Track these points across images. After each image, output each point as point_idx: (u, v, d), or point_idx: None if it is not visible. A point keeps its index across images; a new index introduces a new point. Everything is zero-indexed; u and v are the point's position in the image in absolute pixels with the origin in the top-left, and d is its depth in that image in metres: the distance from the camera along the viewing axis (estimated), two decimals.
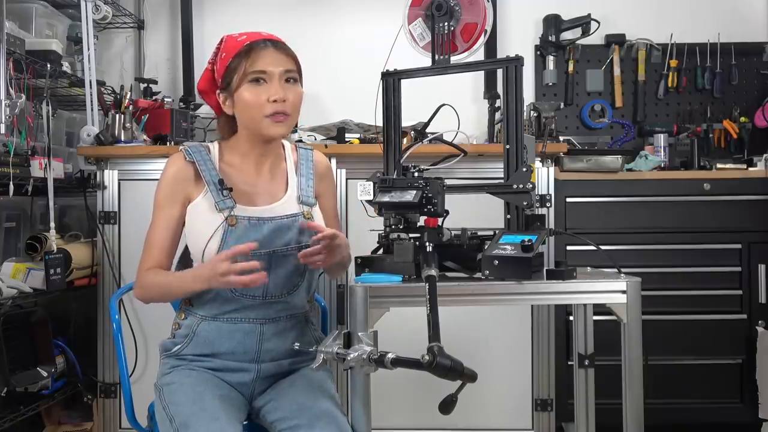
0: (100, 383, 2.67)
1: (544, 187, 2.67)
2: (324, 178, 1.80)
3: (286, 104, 1.62)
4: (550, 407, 2.65)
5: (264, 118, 1.62)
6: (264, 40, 1.65)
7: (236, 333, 1.65)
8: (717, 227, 2.81)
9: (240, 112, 1.66)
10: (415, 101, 1.95)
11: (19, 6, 2.72)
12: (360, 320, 1.47)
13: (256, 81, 1.62)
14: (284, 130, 1.65)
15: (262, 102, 1.61)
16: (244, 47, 1.63)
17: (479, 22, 1.70)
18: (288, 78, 1.65)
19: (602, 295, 1.54)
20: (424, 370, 1.25)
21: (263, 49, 1.63)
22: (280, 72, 1.63)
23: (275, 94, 1.61)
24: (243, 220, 1.62)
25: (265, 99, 1.61)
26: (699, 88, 3.39)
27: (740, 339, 2.80)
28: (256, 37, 1.65)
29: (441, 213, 1.57)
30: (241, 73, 1.62)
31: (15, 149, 2.41)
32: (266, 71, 1.62)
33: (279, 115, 1.62)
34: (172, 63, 3.49)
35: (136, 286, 1.69)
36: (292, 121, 1.67)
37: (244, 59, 1.62)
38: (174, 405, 1.54)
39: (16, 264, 2.54)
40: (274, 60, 1.63)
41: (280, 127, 1.64)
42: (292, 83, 1.65)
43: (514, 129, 1.60)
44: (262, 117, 1.62)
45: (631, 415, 1.53)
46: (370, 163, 2.25)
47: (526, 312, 2.66)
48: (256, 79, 1.62)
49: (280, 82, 1.62)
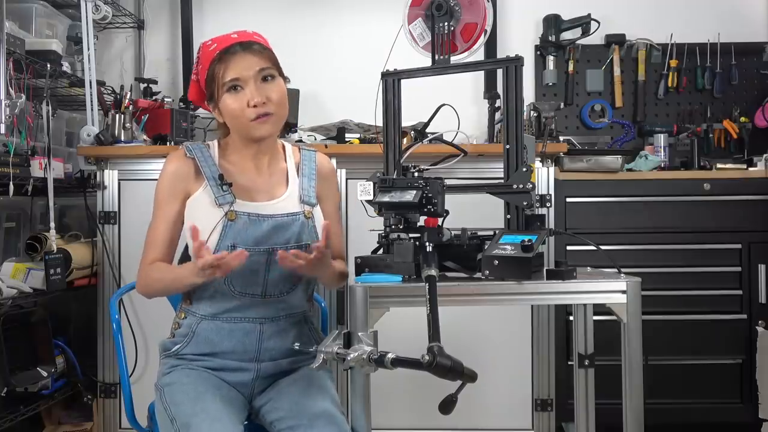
0: (100, 383, 2.67)
1: (544, 187, 2.67)
2: (326, 181, 1.80)
3: (268, 104, 1.62)
4: (550, 407, 2.65)
5: (249, 122, 1.62)
6: (233, 45, 1.63)
7: (236, 332, 1.65)
8: (717, 227, 2.81)
9: (227, 120, 1.67)
10: (415, 101, 1.95)
11: (19, 6, 2.71)
12: (360, 320, 1.47)
13: (233, 88, 1.62)
14: (271, 128, 1.65)
15: (242, 108, 1.61)
16: (215, 56, 1.63)
17: (479, 22, 1.70)
18: (264, 76, 1.63)
19: (602, 295, 1.54)
20: (424, 370, 1.25)
21: (233, 55, 1.61)
22: (254, 74, 1.61)
23: (253, 98, 1.60)
24: (243, 216, 1.62)
25: (245, 104, 1.61)
26: (699, 88, 3.39)
27: (740, 339, 2.80)
28: (225, 43, 1.64)
29: (441, 213, 1.57)
30: (218, 83, 1.62)
31: (15, 149, 2.41)
32: (239, 77, 1.61)
33: (262, 117, 1.62)
34: (172, 63, 3.49)
35: (138, 281, 1.70)
36: (278, 118, 1.66)
37: (217, 69, 1.62)
38: (175, 405, 1.54)
39: (16, 264, 2.54)
40: (246, 64, 1.61)
41: (265, 126, 1.63)
42: (270, 80, 1.64)
43: (514, 129, 1.60)
44: (247, 122, 1.62)
45: (631, 415, 1.53)
46: (370, 163, 2.25)
47: (526, 312, 2.66)
48: (233, 87, 1.62)
49: (256, 84, 1.62)
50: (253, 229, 1.62)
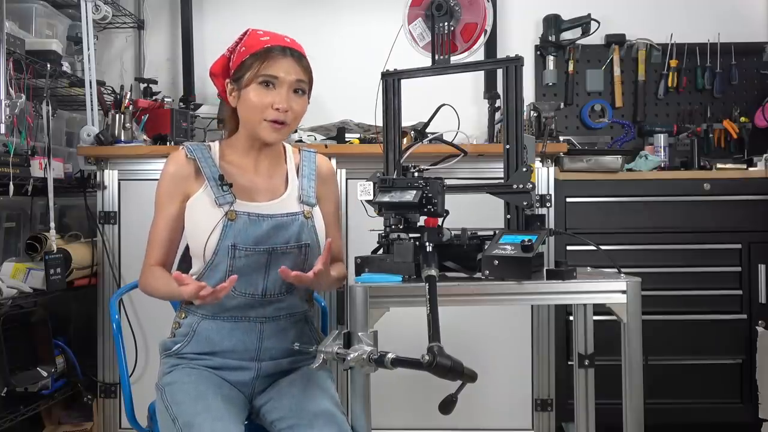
0: (100, 383, 2.67)
1: (544, 187, 2.67)
2: (326, 182, 1.81)
3: (288, 114, 1.64)
4: (550, 407, 2.65)
5: (263, 121, 1.64)
6: (285, 48, 1.65)
7: (236, 331, 1.65)
8: (717, 227, 2.81)
9: (242, 109, 1.67)
10: (415, 101, 1.95)
11: (19, 6, 2.71)
12: (360, 320, 1.47)
13: (265, 84, 1.63)
14: (280, 137, 1.67)
15: (265, 105, 1.63)
16: (263, 48, 1.64)
17: (479, 22, 1.70)
18: (297, 89, 1.66)
19: (602, 295, 1.54)
20: (424, 370, 1.25)
21: (281, 55, 1.64)
22: (291, 81, 1.64)
23: (280, 102, 1.62)
24: (243, 216, 1.63)
25: (269, 103, 1.62)
26: (699, 88, 3.39)
27: (740, 339, 2.80)
28: (278, 42, 1.66)
29: (441, 213, 1.57)
30: (253, 72, 1.63)
31: (15, 149, 2.41)
32: (278, 77, 1.63)
33: (278, 123, 1.64)
34: (172, 63, 3.50)
35: (139, 280, 1.73)
36: (290, 130, 1.69)
37: (259, 60, 1.63)
38: (176, 405, 1.54)
39: (16, 264, 2.54)
40: (289, 68, 1.64)
41: (276, 134, 1.65)
42: (300, 94, 1.67)
43: (514, 129, 1.60)
44: (262, 119, 1.64)
45: (631, 415, 1.53)
46: (370, 163, 2.26)
47: (526, 312, 2.66)
48: (266, 82, 1.63)
49: (288, 91, 1.64)
50: (253, 229, 1.63)
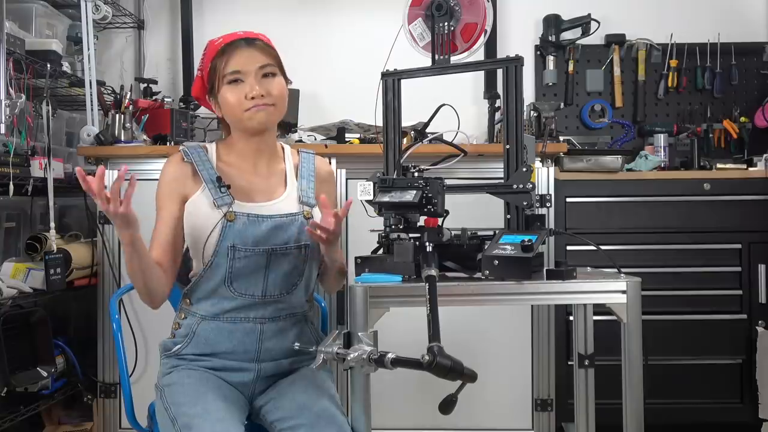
0: (100, 383, 2.67)
1: (544, 187, 2.67)
2: (325, 183, 1.81)
3: (267, 97, 1.63)
4: (550, 407, 2.65)
5: (244, 112, 1.63)
6: (238, 40, 1.66)
7: (236, 332, 1.65)
8: (717, 227, 2.81)
9: (225, 113, 1.68)
10: (415, 101, 1.95)
11: (19, 6, 2.71)
12: (360, 320, 1.47)
13: (234, 81, 1.64)
14: (267, 117, 1.65)
15: (241, 100, 1.63)
16: (219, 50, 1.66)
17: (479, 22, 1.70)
18: (266, 73, 1.65)
19: (602, 295, 1.54)
20: (424, 370, 1.25)
21: (236, 49, 1.64)
22: (255, 69, 1.63)
23: (252, 91, 1.62)
24: (241, 216, 1.63)
25: (243, 97, 1.63)
26: (699, 88, 3.39)
27: (740, 339, 2.80)
28: (230, 38, 1.67)
29: (441, 213, 1.57)
30: (219, 75, 1.64)
31: (15, 149, 2.41)
32: (240, 70, 1.63)
33: (260, 106, 1.63)
34: (172, 63, 3.49)
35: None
36: (277, 110, 1.67)
37: (220, 61, 1.64)
38: (176, 406, 1.54)
39: (16, 264, 2.54)
40: (248, 58, 1.64)
41: (262, 113, 1.63)
42: (271, 77, 1.66)
43: (514, 129, 1.60)
44: (242, 112, 1.63)
45: (631, 415, 1.53)
46: (370, 163, 2.25)
47: (526, 312, 2.66)
48: (234, 80, 1.64)
49: (256, 79, 1.63)
50: (253, 230, 1.63)
